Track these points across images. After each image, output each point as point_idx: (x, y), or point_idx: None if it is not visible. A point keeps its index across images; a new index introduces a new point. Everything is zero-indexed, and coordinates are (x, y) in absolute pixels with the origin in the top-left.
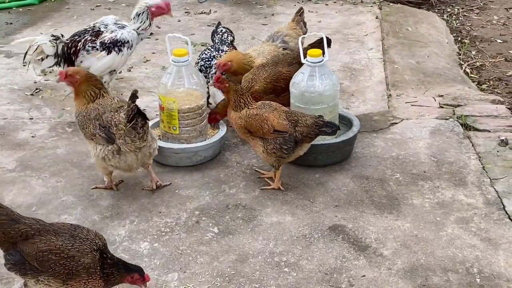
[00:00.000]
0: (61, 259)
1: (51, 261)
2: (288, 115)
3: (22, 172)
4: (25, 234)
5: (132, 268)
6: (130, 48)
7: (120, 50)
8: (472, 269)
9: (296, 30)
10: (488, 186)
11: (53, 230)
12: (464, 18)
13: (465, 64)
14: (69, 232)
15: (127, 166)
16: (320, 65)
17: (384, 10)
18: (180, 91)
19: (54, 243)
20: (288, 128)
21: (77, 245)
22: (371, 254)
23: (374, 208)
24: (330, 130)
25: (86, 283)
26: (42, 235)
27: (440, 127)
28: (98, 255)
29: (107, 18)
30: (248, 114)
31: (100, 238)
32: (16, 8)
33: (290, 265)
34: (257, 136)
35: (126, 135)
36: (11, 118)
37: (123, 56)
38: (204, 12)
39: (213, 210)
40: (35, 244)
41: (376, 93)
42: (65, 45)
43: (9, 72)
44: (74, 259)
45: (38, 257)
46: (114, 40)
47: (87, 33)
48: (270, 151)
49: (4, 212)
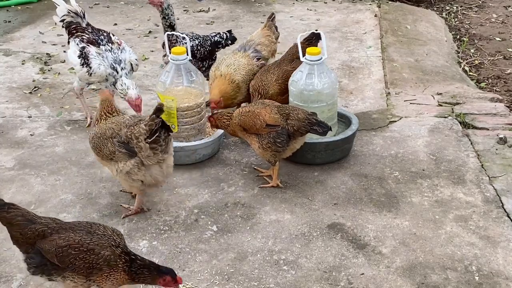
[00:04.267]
0: (81, 253)
1: (70, 256)
2: (279, 109)
3: (20, 170)
4: (42, 233)
5: (163, 271)
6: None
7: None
8: (471, 267)
9: (270, 37)
10: (487, 184)
11: (70, 227)
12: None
13: (464, 62)
14: (85, 229)
15: (153, 179)
16: (319, 63)
17: (383, 8)
18: (178, 89)
19: (73, 238)
20: (279, 121)
21: (96, 239)
22: (370, 252)
23: (373, 206)
24: (321, 130)
25: (109, 276)
26: (60, 232)
27: (439, 125)
28: (118, 250)
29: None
30: (241, 112)
31: (118, 235)
32: (15, 6)
33: (289, 263)
34: (252, 133)
35: (148, 148)
36: (10, 116)
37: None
38: (203, 10)
39: (212, 208)
40: (53, 241)
41: (375, 91)
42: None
43: (7, 70)
44: (93, 252)
45: (57, 253)
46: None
47: (102, 35)
48: (265, 146)
49: (20, 213)
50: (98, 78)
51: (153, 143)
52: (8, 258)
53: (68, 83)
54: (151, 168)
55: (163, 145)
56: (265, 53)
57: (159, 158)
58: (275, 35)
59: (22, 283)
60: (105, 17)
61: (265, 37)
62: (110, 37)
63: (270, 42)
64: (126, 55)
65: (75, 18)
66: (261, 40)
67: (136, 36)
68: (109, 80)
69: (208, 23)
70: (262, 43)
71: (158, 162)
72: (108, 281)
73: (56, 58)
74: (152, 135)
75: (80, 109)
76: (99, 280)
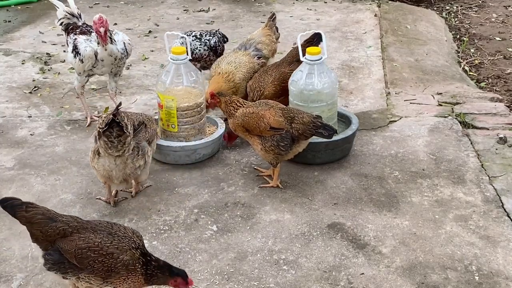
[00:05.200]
0: (100, 256)
1: (90, 258)
2: (284, 112)
3: (20, 170)
4: (63, 232)
5: (175, 272)
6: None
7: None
8: (471, 266)
9: (270, 37)
10: (487, 184)
11: (91, 227)
12: (463, 16)
13: (464, 62)
14: (106, 230)
15: (105, 171)
16: (319, 63)
17: (383, 8)
18: (178, 89)
19: (93, 240)
20: (284, 125)
21: (116, 242)
22: (370, 252)
23: (372, 206)
24: (327, 134)
25: (126, 279)
26: (80, 232)
27: (439, 125)
28: (137, 253)
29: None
30: (244, 113)
31: (137, 236)
32: (15, 5)
33: (289, 263)
34: (255, 134)
35: (101, 139)
36: (10, 116)
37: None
38: (202, 10)
39: (212, 208)
40: (73, 242)
41: (375, 91)
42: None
43: (7, 70)
44: (112, 256)
45: (77, 254)
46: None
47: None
48: (268, 148)
49: (40, 212)
50: (88, 60)
51: (104, 135)
52: (8, 258)
53: (68, 82)
54: (105, 159)
55: (115, 142)
56: (266, 52)
57: (109, 153)
58: (276, 36)
59: (22, 283)
60: None
61: (265, 36)
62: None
63: (270, 41)
64: (119, 37)
65: (71, 19)
66: (261, 39)
67: (136, 36)
68: (113, 56)
69: (208, 23)
70: (263, 42)
71: (109, 155)
72: (125, 283)
73: (56, 58)
74: (104, 127)
75: (80, 109)
76: (116, 283)
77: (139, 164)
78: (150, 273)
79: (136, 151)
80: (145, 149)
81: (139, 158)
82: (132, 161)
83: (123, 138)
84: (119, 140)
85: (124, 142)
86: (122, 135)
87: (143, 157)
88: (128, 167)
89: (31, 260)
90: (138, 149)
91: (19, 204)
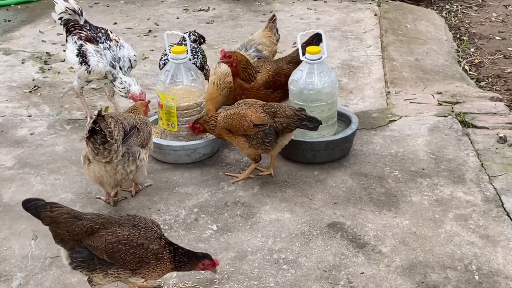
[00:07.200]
0: (131, 248)
1: (121, 252)
2: (265, 108)
3: (20, 169)
4: (91, 229)
5: (201, 256)
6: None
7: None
8: (471, 266)
9: (271, 38)
10: (487, 183)
11: (115, 221)
12: (462, 15)
13: (464, 61)
14: (130, 222)
15: (96, 177)
16: (319, 62)
17: (382, 7)
18: (178, 88)
19: (121, 233)
20: (266, 120)
21: (143, 233)
22: (369, 251)
23: (372, 205)
24: (312, 125)
25: (155, 268)
26: (107, 227)
27: (439, 124)
28: (162, 241)
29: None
30: (226, 115)
31: (157, 225)
32: (15, 5)
33: (288, 262)
34: (239, 134)
35: (88, 145)
36: (10, 116)
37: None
38: (202, 9)
39: (212, 208)
40: (102, 237)
41: (375, 90)
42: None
43: (7, 69)
44: (143, 247)
45: (108, 249)
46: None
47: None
48: (255, 146)
49: (65, 211)
50: (97, 75)
51: (89, 142)
52: (8, 257)
53: (68, 82)
54: (95, 165)
55: (101, 149)
56: (266, 53)
57: (97, 159)
58: (276, 37)
59: (22, 282)
60: (105, 16)
61: (266, 37)
62: (108, 35)
63: (271, 43)
64: (124, 51)
65: (72, 15)
66: (262, 40)
67: (136, 35)
68: (108, 77)
69: (208, 22)
70: (263, 43)
71: (99, 162)
72: (154, 273)
73: (56, 57)
74: (87, 134)
75: (80, 108)
76: (145, 273)
77: (130, 170)
78: (178, 260)
79: (126, 157)
80: (136, 154)
81: (130, 163)
82: (123, 167)
83: (108, 146)
84: (104, 147)
85: (110, 150)
86: (107, 142)
87: (134, 162)
88: (119, 173)
89: (31, 260)
90: (129, 155)
91: (43, 205)
